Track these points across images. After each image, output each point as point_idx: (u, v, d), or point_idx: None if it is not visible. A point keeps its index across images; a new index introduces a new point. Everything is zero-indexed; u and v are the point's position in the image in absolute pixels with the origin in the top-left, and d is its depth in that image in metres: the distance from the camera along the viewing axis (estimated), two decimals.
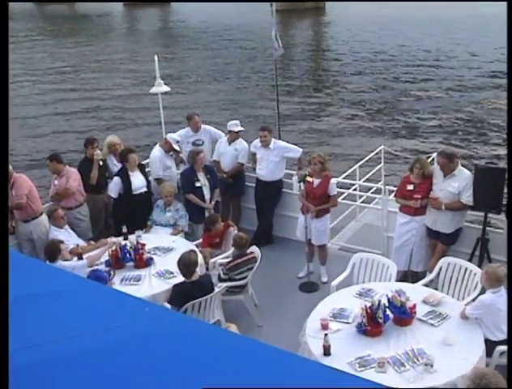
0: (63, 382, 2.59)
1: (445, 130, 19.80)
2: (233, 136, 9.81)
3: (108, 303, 3.24)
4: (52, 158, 8.92)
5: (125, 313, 3.10)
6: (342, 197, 9.63)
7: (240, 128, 9.84)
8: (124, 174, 9.08)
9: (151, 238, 8.30)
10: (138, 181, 9.15)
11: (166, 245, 8.13)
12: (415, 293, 6.34)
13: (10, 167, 8.40)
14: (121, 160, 9.26)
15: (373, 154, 11.11)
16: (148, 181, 9.43)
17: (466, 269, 7.11)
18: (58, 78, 30.68)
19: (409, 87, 25.50)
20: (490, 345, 5.82)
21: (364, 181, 10.35)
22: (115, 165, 9.49)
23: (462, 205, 7.67)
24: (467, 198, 7.60)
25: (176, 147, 9.55)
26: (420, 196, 7.90)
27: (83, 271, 6.95)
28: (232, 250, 8.03)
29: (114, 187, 9.09)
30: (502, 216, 7.77)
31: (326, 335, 5.68)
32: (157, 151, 9.62)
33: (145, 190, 9.28)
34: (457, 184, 7.62)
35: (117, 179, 9.09)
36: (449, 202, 7.69)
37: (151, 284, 7.21)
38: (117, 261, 7.58)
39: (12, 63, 32.87)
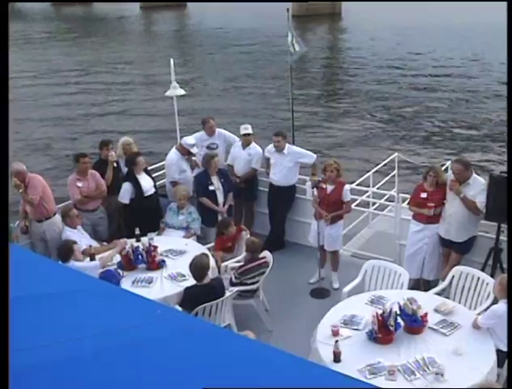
0: (73, 382, 2.60)
1: (461, 139, 19.72)
2: (244, 140, 9.82)
3: (120, 304, 3.25)
4: (88, 158, 9.01)
5: (136, 314, 3.11)
6: (355, 204, 9.61)
7: (247, 131, 9.82)
8: (133, 178, 9.06)
9: (164, 241, 8.32)
10: (146, 184, 9.14)
11: (178, 247, 8.14)
12: (426, 302, 6.31)
13: (25, 167, 8.48)
14: (129, 164, 9.18)
15: (386, 161, 11.09)
16: (155, 183, 9.45)
17: (478, 278, 7.07)
18: (72, 79, 30.85)
19: (425, 95, 25.41)
20: (501, 356, 5.76)
21: (377, 189, 10.33)
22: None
23: (475, 206, 7.64)
24: (480, 203, 7.57)
25: (193, 150, 9.54)
26: (433, 204, 7.87)
27: (95, 272, 6.97)
28: (244, 254, 8.04)
29: (126, 193, 9.01)
30: None
31: (336, 341, 5.67)
32: (173, 154, 9.63)
33: (154, 190, 9.30)
34: (471, 192, 7.59)
35: (127, 185, 9.01)
36: (466, 210, 7.67)
37: (162, 287, 7.22)
38: (129, 263, 7.59)
39: (27, 63, 33.20)
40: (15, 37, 42.53)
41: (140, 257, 7.64)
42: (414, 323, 5.97)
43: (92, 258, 7.49)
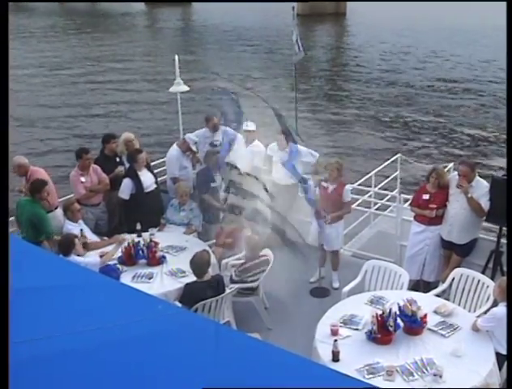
0: (73, 375, 2.61)
1: (464, 143, 19.72)
2: (247, 136, 9.80)
3: (121, 299, 3.25)
4: (90, 153, 9.00)
5: (137, 309, 3.11)
6: (356, 203, 9.59)
7: (249, 128, 9.80)
8: (133, 174, 9.06)
9: (165, 237, 8.33)
10: (147, 179, 9.14)
11: (179, 244, 8.16)
12: (426, 303, 6.32)
13: (26, 160, 8.49)
14: (130, 160, 9.19)
15: (389, 162, 11.06)
16: (156, 178, 9.45)
17: (478, 281, 7.07)
18: (76, 74, 30.82)
19: (428, 97, 25.36)
20: (501, 359, 5.77)
21: (379, 189, 10.31)
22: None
23: (480, 208, 7.62)
24: (485, 205, 7.55)
25: (193, 147, 9.54)
26: (435, 206, 7.87)
27: (95, 268, 6.97)
28: (244, 251, 8.04)
29: (125, 189, 9.00)
30: None
31: (335, 340, 5.68)
32: (174, 150, 9.64)
33: (155, 186, 9.30)
34: (475, 194, 7.58)
35: (127, 180, 9.01)
36: (467, 212, 7.66)
37: (162, 282, 7.24)
38: (130, 258, 7.61)
39: (29, 58, 33.19)
40: (18, 31, 42.54)
41: (141, 252, 7.66)
42: (413, 324, 5.98)
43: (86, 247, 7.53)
